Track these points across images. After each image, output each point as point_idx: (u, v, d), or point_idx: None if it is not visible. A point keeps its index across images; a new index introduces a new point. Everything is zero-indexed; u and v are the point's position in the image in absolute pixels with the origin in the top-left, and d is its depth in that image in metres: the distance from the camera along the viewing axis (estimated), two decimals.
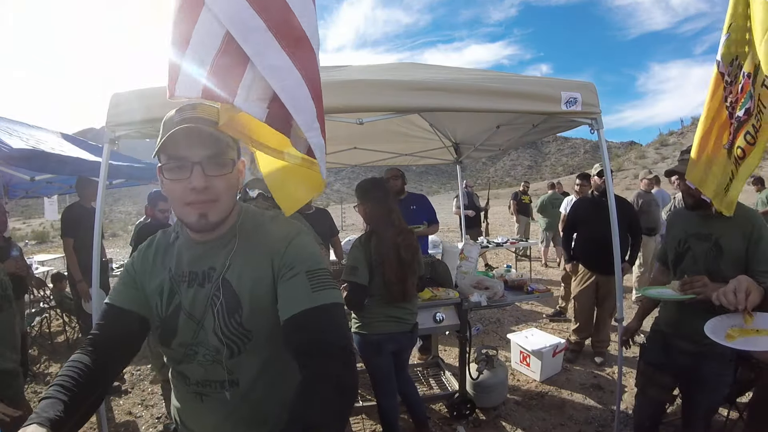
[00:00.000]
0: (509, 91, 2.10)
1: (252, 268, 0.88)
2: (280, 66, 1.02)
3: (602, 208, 2.50)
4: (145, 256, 0.97)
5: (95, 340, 0.89)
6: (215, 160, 0.84)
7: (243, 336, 0.87)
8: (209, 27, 1.01)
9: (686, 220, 1.88)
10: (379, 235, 2.12)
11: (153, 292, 0.92)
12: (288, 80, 1.02)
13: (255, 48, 1.00)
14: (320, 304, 0.81)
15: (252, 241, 0.91)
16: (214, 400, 0.90)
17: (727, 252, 1.69)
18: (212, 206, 0.84)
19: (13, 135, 3.34)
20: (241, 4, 1.01)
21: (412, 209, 3.47)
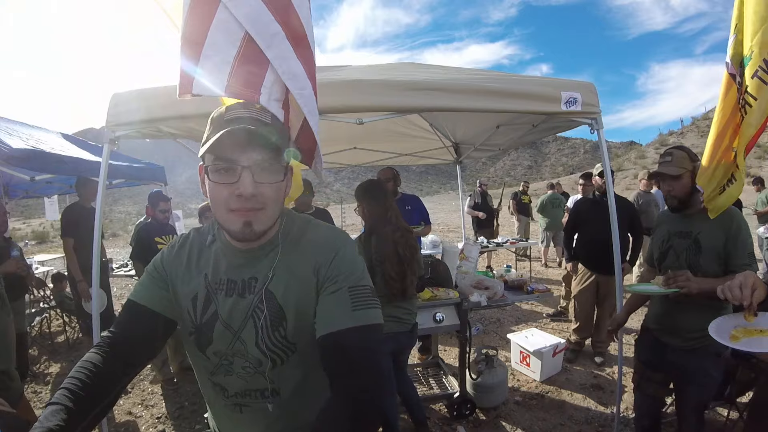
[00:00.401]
0: (509, 91, 2.10)
1: (297, 279, 0.83)
2: (298, 73, 1.06)
3: (603, 208, 2.50)
4: (178, 256, 0.91)
5: (114, 339, 0.84)
6: (267, 165, 0.77)
7: (287, 348, 0.84)
8: (227, 27, 1.02)
9: (670, 220, 1.94)
10: (378, 234, 2.13)
11: (186, 296, 0.88)
12: (306, 88, 1.07)
13: (276, 53, 1.03)
14: (360, 325, 0.78)
15: (296, 250, 0.86)
16: (255, 410, 0.88)
17: (706, 247, 1.75)
18: (258, 215, 0.78)
19: (13, 135, 3.34)
20: (259, 7, 1.03)
21: (408, 209, 3.48)
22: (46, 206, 5.95)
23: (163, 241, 3.32)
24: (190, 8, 1.03)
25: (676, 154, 1.82)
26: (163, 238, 3.34)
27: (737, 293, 1.08)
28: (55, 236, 17.17)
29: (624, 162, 28.77)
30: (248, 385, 0.86)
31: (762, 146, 25.88)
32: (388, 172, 3.52)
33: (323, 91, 1.89)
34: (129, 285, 6.98)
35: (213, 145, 0.75)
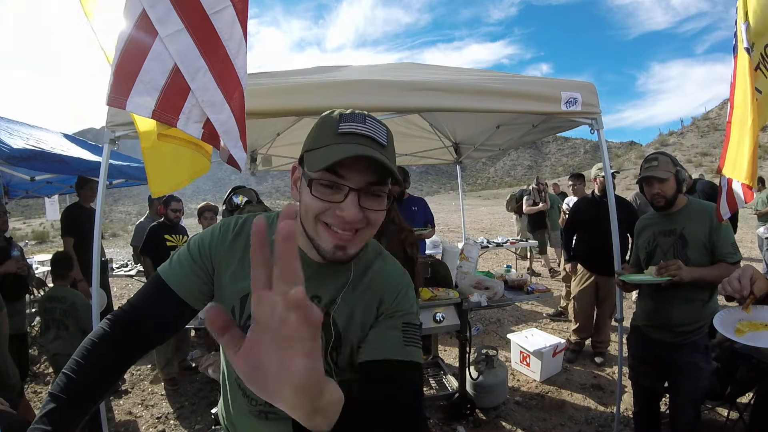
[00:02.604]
0: (509, 91, 2.11)
1: (361, 312, 0.81)
2: (216, 101, 1.31)
3: (602, 209, 2.51)
4: (232, 246, 0.83)
5: (129, 318, 0.81)
6: (375, 189, 0.70)
7: (332, 373, 0.81)
8: (161, 58, 1.25)
9: (652, 222, 2.04)
10: (383, 235, 2.13)
11: (235, 293, 0.81)
12: (221, 114, 1.34)
13: (198, 85, 1.28)
14: (406, 360, 0.76)
15: (364, 281, 0.82)
16: (280, 419, 0.85)
17: (691, 241, 1.86)
18: (354, 238, 0.72)
19: (13, 135, 3.34)
20: (189, 44, 1.25)
21: (414, 210, 3.48)
22: (46, 206, 5.95)
23: (173, 240, 3.34)
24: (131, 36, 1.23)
25: (662, 159, 1.91)
26: (173, 237, 3.37)
27: (736, 285, 1.09)
28: (55, 236, 17.17)
29: (624, 162, 28.77)
30: None
31: (762, 146, 25.86)
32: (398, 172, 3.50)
33: (324, 91, 1.91)
34: (129, 285, 6.98)
35: (324, 157, 0.67)
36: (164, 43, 1.24)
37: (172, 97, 1.27)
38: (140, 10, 1.22)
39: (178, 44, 1.24)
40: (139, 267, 4.59)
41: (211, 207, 3.81)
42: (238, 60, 1.35)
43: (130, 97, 1.24)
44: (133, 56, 1.24)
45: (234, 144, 1.38)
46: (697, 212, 1.90)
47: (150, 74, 1.24)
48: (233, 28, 1.31)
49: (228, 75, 1.34)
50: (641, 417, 2.16)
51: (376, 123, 0.73)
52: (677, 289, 1.84)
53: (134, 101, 1.24)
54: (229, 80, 1.34)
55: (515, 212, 8.37)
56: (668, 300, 1.89)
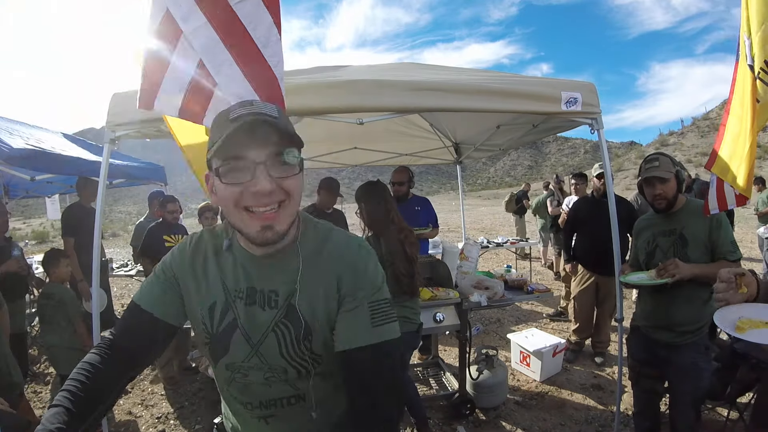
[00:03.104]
0: (509, 91, 2.10)
1: (321, 294, 0.81)
2: (243, 93, 1.20)
3: (602, 209, 2.51)
4: (192, 261, 0.86)
5: (114, 342, 0.83)
6: (280, 158, 0.71)
7: (313, 360, 0.83)
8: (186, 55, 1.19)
9: (652, 223, 2.04)
10: (385, 234, 2.14)
11: (201, 304, 0.84)
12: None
13: (223, 78, 1.19)
14: (379, 342, 0.78)
15: (318, 262, 0.82)
16: (280, 420, 0.87)
17: (691, 240, 1.86)
18: (278, 214, 0.73)
19: (13, 135, 3.34)
20: (213, 37, 1.18)
21: (417, 210, 3.48)
22: (47, 206, 5.96)
23: (172, 240, 3.35)
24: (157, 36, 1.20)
25: (662, 159, 1.91)
26: (172, 237, 3.37)
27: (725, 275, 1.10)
28: (55, 236, 17.18)
29: (624, 162, 28.77)
30: (271, 393, 0.85)
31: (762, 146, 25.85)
32: (403, 174, 3.44)
33: (323, 91, 1.91)
34: (129, 285, 6.98)
35: (221, 146, 0.69)
36: (188, 39, 1.19)
37: (198, 93, 1.21)
38: (164, 10, 1.19)
39: (202, 39, 1.19)
40: (139, 267, 4.59)
41: (211, 207, 3.81)
42: (267, 49, 1.24)
43: (158, 98, 1.21)
44: (159, 56, 1.21)
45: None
46: (697, 212, 1.90)
47: (176, 72, 1.20)
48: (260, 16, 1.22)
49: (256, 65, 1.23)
50: (641, 418, 2.16)
51: (263, 104, 0.76)
52: (677, 289, 1.84)
53: (162, 101, 1.21)
54: (258, 70, 1.24)
55: (515, 213, 8.39)
56: (668, 300, 1.89)
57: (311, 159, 4.38)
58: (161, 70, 1.20)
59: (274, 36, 1.25)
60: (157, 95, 1.20)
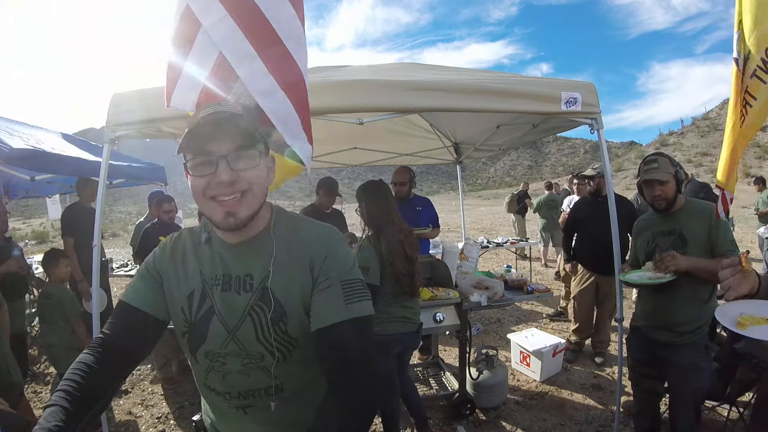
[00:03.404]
0: (509, 91, 2.10)
1: (295, 276, 0.85)
2: (267, 89, 1.16)
3: (602, 208, 2.50)
4: (171, 256, 0.92)
5: (105, 341, 0.85)
6: (242, 152, 0.79)
7: (288, 344, 0.85)
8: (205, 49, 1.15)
9: (651, 223, 2.05)
10: (385, 234, 2.13)
11: (181, 296, 0.88)
12: (274, 102, 1.18)
13: (246, 72, 1.15)
14: (353, 317, 0.81)
15: (291, 247, 0.87)
16: (259, 410, 0.88)
17: (691, 240, 1.87)
18: (240, 203, 0.80)
19: (13, 135, 3.34)
20: (234, 30, 1.14)
21: (418, 210, 3.48)
22: (48, 205, 5.96)
23: None
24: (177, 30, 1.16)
25: (661, 160, 1.91)
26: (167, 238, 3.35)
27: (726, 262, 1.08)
28: (55, 236, 17.17)
29: (624, 162, 28.78)
30: (250, 382, 0.86)
31: (762, 146, 25.86)
32: (405, 174, 3.43)
33: (323, 91, 1.90)
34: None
35: (186, 142, 0.77)
36: (208, 33, 1.14)
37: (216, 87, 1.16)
38: (185, 6, 1.15)
39: (222, 32, 1.14)
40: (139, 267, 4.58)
41: None
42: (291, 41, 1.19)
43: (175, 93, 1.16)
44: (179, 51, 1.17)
45: (293, 135, 1.22)
46: (696, 211, 1.91)
47: (194, 67, 1.16)
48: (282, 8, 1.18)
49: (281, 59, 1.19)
50: (641, 418, 2.15)
51: (233, 103, 0.84)
52: (677, 289, 1.84)
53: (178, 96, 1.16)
54: (283, 64, 1.19)
55: (516, 213, 8.39)
56: (668, 300, 1.89)
57: (311, 159, 4.38)
58: (180, 65, 1.17)
59: (297, 28, 1.21)
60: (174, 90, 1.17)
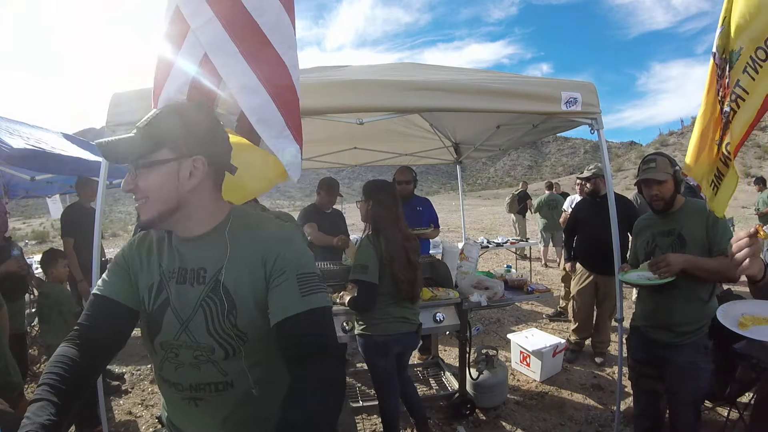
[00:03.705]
0: (509, 91, 2.10)
1: (247, 270, 0.88)
2: (249, 85, 1.14)
3: (602, 208, 2.50)
4: (139, 249, 0.97)
5: (82, 332, 0.88)
6: (140, 161, 0.87)
7: (238, 337, 0.87)
8: (192, 51, 1.14)
9: (651, 223, 2.04)
10: (387, 236, 2.12)
11: (144, 286, 0.93)
12: (255, 99, 1.15)
13: (228, 70, 1.14)
14: (309, 308, 0.83)
15: (245, 243, 0.90)
16: (209, 403, 0.90)
17: (690, 241, 1.86)
18: (142, 207, 0.87)
19: (13, 135, 3.34)
20: (219, 31, 1.13)
21: (419, 210, 3.49)
22: (49, 205, 5.97)
23: None
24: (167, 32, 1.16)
25: (659, 160, 1.91)
26: None
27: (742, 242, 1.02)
28: (55, 236, 17.17)
29: (624, 162, 28.78)
30: (200, 376, 0.88)
31: (762, 146, 25.86)
32: (408, 173, 3.44)
33: (323, 91, 1.91)
34: None
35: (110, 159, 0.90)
36: (195, 35, 1.14)
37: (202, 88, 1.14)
38: (174, 8, 1.15)
39: (209, 34, 1.13)
40: None
41: None
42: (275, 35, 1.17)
43: (162, 95, 1.15)
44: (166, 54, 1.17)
45: (276, 134, 1.18)
46: (694, 212, 1.91)
47: (181, 68, 1.15)
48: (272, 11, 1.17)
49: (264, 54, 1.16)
50: (641, 418, 2.15)
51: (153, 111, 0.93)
52: (677, 289, 1.84)
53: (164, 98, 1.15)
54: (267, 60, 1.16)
55: (516, 213, 8.39)
56: (668, 300, 1.89)
57: (311, 159, 4.38)
58: (167, 68, 1.16)
59: (284, 21, 1.19)
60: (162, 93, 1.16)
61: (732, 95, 1.75)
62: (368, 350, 2.18)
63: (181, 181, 0.88)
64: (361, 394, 2.97)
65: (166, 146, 0.87)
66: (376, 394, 2.31)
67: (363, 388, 3.08)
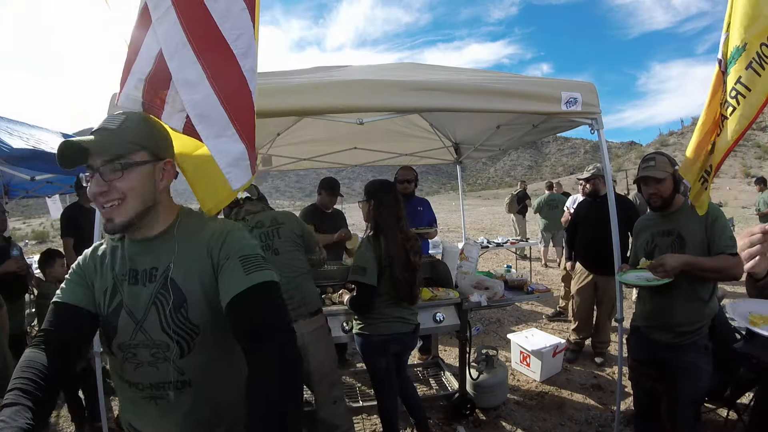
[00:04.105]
0: (509, 91, 2.10)
1: (195, 264, 0.92)
2: (192, 79, 1.08)
3: (602, 208, 2.50)
4: (93, 256, 1.00)
5: (47, 338, 0.89)
6: (111, 165, 0.87)
7: (190, 331, 0.90)
8: (150, 46, 1.11)
9: (651, 223, 2.04)
10: (388, 237, 2.11)
11: (99, 290, 0.95)
12: (196, 93, 1.08)
13: (176, 64, 1.08)
14: (254, 283, 0.85)
15: (192, 240, 0.95)
16: (169, 402, 0.92)
17: (690, 241, 1.86)
18: (117, 210, 0.89)
19: (13, 135, 3.34)
20: (173, 20, 1.08)
21: (420, 210, 3.50)
22: (49, 205, 5.96)
23: None
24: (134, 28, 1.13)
25: (659, 159, 1.91)
26: None
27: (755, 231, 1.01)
28: (55, 236, 17.17)
29: (624, 162, 28.78)
30: (159, 375, 0.90)
31: (762, 146, 25.86)
32: (411, 172, 3.47)
33: (323, 91, 1.91)
34: None
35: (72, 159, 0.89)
36: (154, 28, 1.10)
37: (156, 84, 1.10)
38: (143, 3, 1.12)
39: (165, 25, 1.08)
40: None
41: None
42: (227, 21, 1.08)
43: (123, 92, 1.12)
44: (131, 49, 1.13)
45: (217, 133, 1.08)
46: (694, 212, 1.90)
47: (139, 64, 1.11)
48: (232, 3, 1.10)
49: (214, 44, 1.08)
50: (641, 418, 2.15)
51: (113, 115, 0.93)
52: (677, 289, 1.84)
53: (124, 96, 1.11)
54: (216, 50, 1.08)
55: (516, 213, 8.39)
56: (668, 300, 1.89)
57: (311, 159, 4.38)
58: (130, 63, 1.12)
59: (237, 5, 1.09)
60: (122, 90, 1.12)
61: (732, 92, 1.74)
62: (366, 349, 2.19)
63: (157, 181, 0.94)
64: (361, 394, 2.97)
65: (146, 149, 0.92)
66: (375, 394, 2.31)
67: (363, 388, 3.08)
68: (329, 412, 2.06)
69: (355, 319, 2.24)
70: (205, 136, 1.08)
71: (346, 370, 3.41)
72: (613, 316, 3.26)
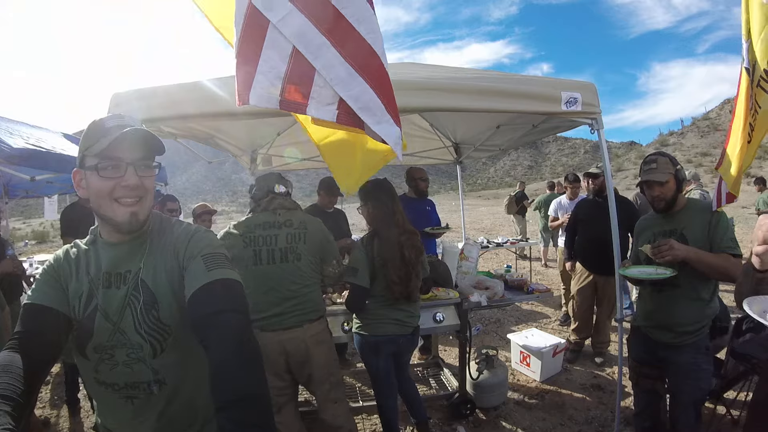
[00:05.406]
0: (509, 91, 2.10)
1: (163, 265, 0.95)
2: (344, 76, 1.20)
3: (603, 208, 2.50)
4: (67, 258, 1.00)
5: (22, 341, 0.88)
6: (145, 162, 0.93)
7: (162, 331, 0.92)
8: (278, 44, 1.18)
9: (653, 223, 2.04)
10: (382, 236, 2.10)
11: (73, 294, 0.95)
12: (353, 89, 1.22)
13: (323, 63, 1.19)
14: (214, 279, 0.88)
15: (161, 242, 0.99)
16: (144, 401, 0.94)
17: (691, 240, 1.84)
18: (141, 205, 0.93)
19: (13, 134, 3.34)
20: (304, 23, 1.18)
21: (428, 210, 3.51)
22: (45, 206, 5.95)
23: None
24: (243, 29, 1.19)
25: (660, 161, 1.90)
26: None
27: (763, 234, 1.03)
28: (55, 236, 17.17)
29: (624, 162, 28.78)
30: (134, 375, 0.92)
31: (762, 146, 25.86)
32: (423, 171, 3.58)
33: None
34: None
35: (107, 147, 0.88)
36: (278, 28, 1.17)
37: (297, 82, 1.20)
38: (247, 3, 1.18)
39: (292, 26, 1.17)
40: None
41: (208, 210, 3.76)
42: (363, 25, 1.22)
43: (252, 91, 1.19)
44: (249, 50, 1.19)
45: (378, 120, 1.27)
46: (696, 212, 1.91)
47: (269, 63, 1.18)
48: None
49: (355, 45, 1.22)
50: (642, 418, 2.15)
51: (129, 117, 0.96)
52: (678, 289, 1.84)
53: (257, 94, 1.19)
54: (358, 50, 1.22)
55: (516, 214, 8.39)
56: (669, 300, 1.88)
57: (311, 159, 4.38)
58: (253, 63, 1.19)
59: (368, 11, 1.24)
60: (252, 88, 1.19)
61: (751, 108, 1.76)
62: (362, 349, 2.20)
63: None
64: (361, 394, 2.97)
65: (157, 154, 0.97)
66: (374, 393, 2.31)
67: (363, 388, 3.08)
68: (331, 413, 2.06)
69: (354, 320, 2.24)
70: (370, 123, 1.25)
71: (346, 370, 3.41)
72: (613, 316, 3.26)
